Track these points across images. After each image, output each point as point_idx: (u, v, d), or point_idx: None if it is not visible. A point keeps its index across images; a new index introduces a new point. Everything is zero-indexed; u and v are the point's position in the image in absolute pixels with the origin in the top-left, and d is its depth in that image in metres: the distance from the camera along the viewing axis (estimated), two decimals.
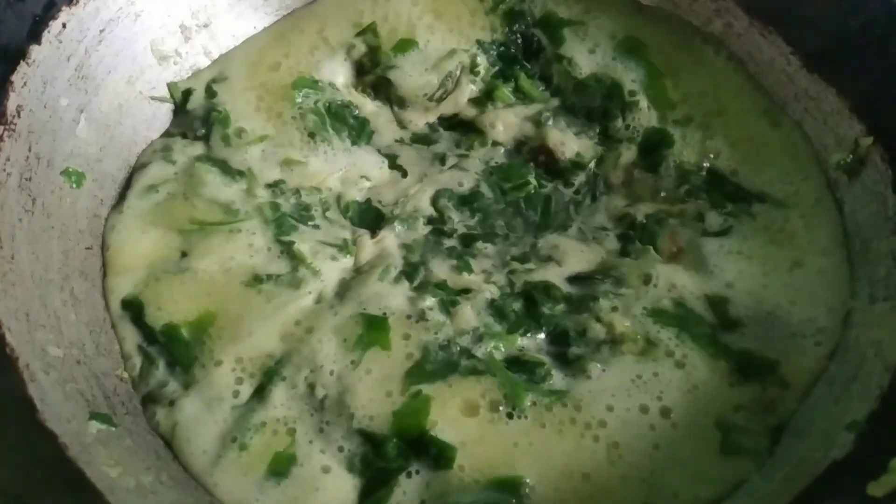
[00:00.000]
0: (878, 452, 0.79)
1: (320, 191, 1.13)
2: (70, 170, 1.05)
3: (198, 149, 1.14)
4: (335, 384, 0.93)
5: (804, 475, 0.84)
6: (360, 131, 1.20)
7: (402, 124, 1.22)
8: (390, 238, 1.09)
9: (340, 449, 0.89)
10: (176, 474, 0.89)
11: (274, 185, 1.11)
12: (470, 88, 1.20)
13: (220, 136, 1.14)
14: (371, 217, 1.14)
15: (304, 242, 1.06)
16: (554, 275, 1.04)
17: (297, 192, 1.11)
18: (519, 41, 1.21)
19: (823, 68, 1.10)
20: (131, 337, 0.99)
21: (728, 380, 0.94)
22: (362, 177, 1.16)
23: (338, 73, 1.21)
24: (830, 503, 0.78)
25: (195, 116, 1.18)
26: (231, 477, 0.88)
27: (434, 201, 1.13)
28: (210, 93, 1.19)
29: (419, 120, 1.22)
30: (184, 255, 1.04)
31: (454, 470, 0.87)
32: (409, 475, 0.88)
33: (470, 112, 1.20)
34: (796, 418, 0.93)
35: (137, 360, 0.98)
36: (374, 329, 0.97)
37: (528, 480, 0.86)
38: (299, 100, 1.16)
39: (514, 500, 0.85)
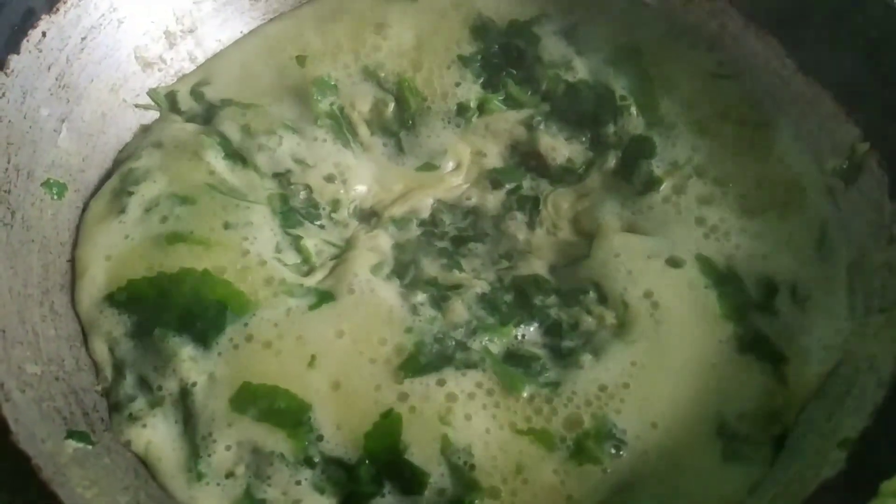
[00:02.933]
0: (869, 473, 0.77)
1: (332, 190, 1.11)
2: (51, 181, 1.03)
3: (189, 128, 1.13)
4: None
5: (794, 495, 0.82)
6: None
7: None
8: (383, 237, 1.08)
9: (298, 482, 0.87)
10: (155, 493, 0.87)
11: (281, 175, 1.10)
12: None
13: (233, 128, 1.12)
14: (371, 217, 1.13)
15: (310, 238, 1.05)
16: (539, 267, 1.05)
17: (307, 187, 1.10)
18: (496, 49, 1.19)
19: (819, 71, 1.08)
20: (101, 349, 0.96)
21: (731, 352, 0.94)
22: (376, 180, 1.14)
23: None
24: None
25: (195, 114, 1.17)
26: (210, 499, 0.86)
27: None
28: (197, 95, 1.18)
29: None
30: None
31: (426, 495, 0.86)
32: (382, 496, 0.87)
33: None
34: (790, 435, 0.91)
35: (109, 373, 0.95)
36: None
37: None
38: (318, 98, 1.14)
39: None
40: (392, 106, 1.15)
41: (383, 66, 1.18)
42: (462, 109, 1.15)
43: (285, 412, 0.89)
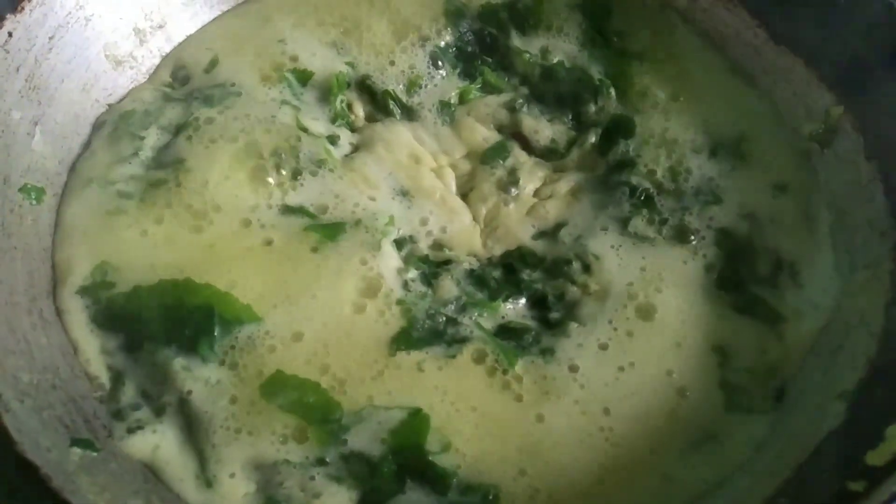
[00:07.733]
0: (872, 421, 0.80)
1: None
2: (28, 186, 1.00)
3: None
4: None
5: (800, 449, 0.84)
6: None
7: None
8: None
9: (312, 478, 0.85)
10: (166, 496, 0.85)
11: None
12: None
13: None
14: None
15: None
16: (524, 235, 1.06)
17: None
18: (470, 37, 1.20)
19: (790, 40, 1.11)
20: (96, 361, 0.93)
21: (730, 315, 0.97)
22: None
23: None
24: (830, 475, 0.79)
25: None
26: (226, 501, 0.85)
27: None
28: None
29: None
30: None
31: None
32: (403, 493, 0.86)
33: None
34: (790, 390, 0.93)
35: (106, 383, 0.92)
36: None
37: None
38: (336, 93, 1.13)
39: None
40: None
41: (364, 66, 1.16)
42: (444, 106, 1.15)
43: (314, 406, 0.88)
